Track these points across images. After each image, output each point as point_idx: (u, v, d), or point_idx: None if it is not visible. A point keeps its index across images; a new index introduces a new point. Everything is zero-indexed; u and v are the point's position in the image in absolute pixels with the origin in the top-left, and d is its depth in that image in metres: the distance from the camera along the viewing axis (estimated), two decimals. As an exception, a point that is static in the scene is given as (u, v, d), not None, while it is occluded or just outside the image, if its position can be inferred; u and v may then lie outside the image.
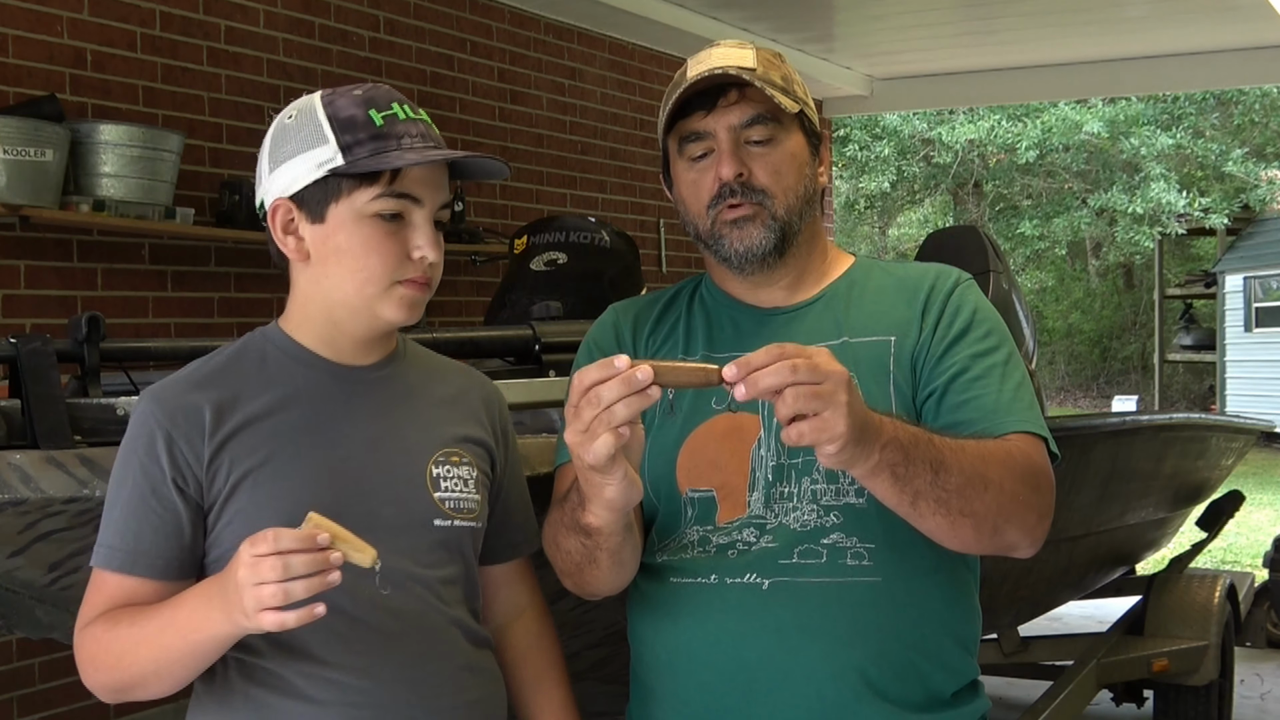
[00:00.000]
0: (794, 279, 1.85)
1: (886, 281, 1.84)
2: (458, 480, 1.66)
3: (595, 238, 3.14)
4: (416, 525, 1.62)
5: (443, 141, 1.65)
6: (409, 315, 1.62)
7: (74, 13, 4.38)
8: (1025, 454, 1.68)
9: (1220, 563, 8.38)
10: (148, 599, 1.55)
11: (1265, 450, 14.07)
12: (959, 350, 1.75)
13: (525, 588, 1.85)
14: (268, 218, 1.64)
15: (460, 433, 1.70)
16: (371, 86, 1.64)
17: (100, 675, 1.55)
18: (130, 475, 1.57)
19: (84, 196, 4.19)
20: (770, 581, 1.70)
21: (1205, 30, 7.56)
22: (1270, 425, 6.02)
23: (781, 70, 1.81)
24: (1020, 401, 1.74)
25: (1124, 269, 23.80)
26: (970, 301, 1.81)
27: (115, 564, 1.56)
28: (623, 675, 1.91)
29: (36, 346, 1.84)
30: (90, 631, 1.55)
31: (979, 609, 1.84)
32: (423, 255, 1.59)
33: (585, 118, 6.89)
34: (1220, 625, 4.80)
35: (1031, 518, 1.67)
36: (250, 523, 1.52)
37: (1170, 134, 16.71)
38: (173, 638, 1.48)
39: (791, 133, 1.80)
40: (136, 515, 1.56)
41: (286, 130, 1.62)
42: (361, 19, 5.52)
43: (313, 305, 1.65)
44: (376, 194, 1.57)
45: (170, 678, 1.52)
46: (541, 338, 2.58)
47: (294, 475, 1.57)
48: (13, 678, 4.16)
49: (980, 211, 20.87)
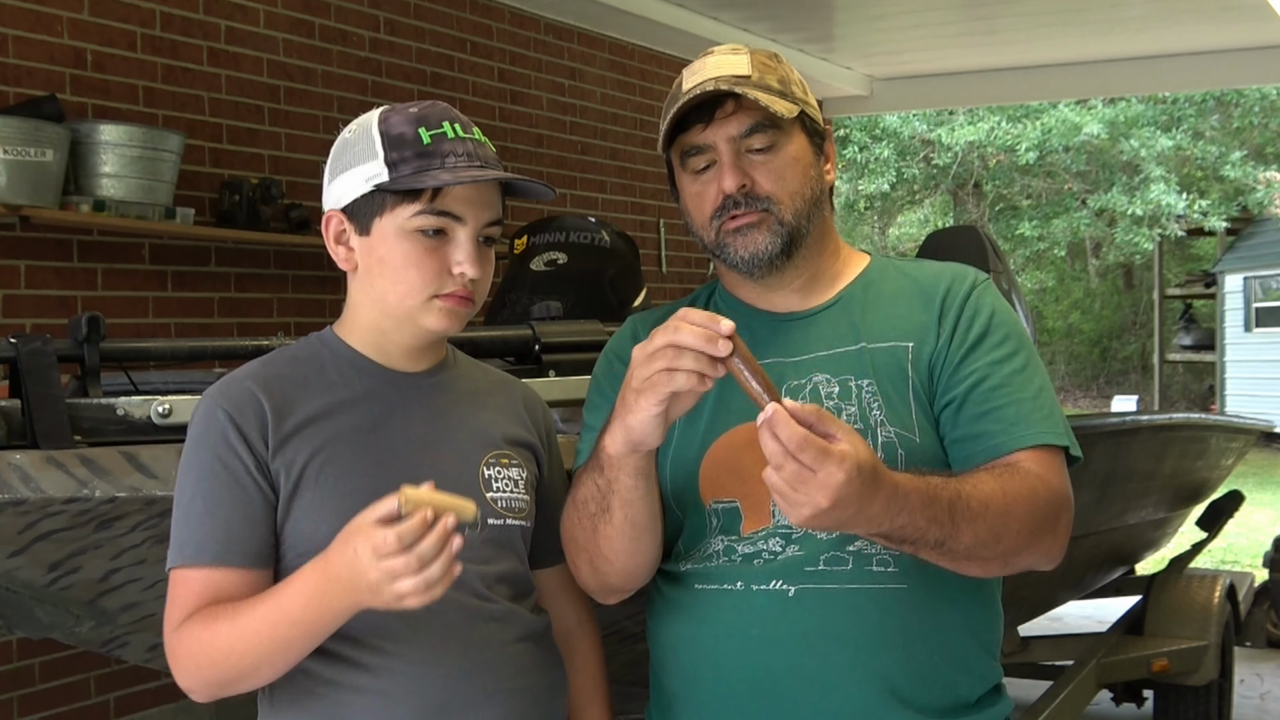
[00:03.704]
0: (806, 281, 1.83)
1: (902, 284, 1.83)
2: (508, 481, 1.71)
3: (595, 238, 3.14)
4: (470, 524, 1.64)
5: (494, 161, 1.68)
6: (451, 326, 1.66)
7: (74, 13, 4.38)
8: (1046, 484, 1.67)
9: (1220, 563, 8.38)
10: (237, 592, 1.56)
11: (1265, 450, 14.07)
12: (977, 357, 1.74)
13: (572, 601, 1.86)
14: (323, 226, 1.69)
15: (509, 435, 1.76)
16: (429, 105, 1.69)
17: (204, 673, 1.56)
18: (208, 468, 1.59)
19: (84, 196, 4.19)
20: (796, 589, 1.69)
21: (1205, 30, 7.56)
22: (1270, 425, 6.02)
23: (778, 72, 1.79)
24: (1040, 409, 1.72)
25: (1124, 269, 23.79)
26: (988, 305, 1.79)
27: (208, 557, 1.56)
28: (623, 675, 1.92)
29: (36, 346, 1.84)
30: (188, 631, 1.55)
31: (1001, 611, 1.84)
32: (463, 271, 1.63)
33: (585, 118, 6.89)
34: (1220, 625, 4.80)
35: (1047, 541, 1.68)
36: (308, 521, 1.58)
37: (1170, 135, 16.70)
38: (288, 630, 1.51)
39: (793, 136, 1.78)
40: (224, 505, 1.57)
41: (346, 144, 1.68)
42: (361, 19, 5.52)
43: (363, 313, 1.70)
44: (417, 210, 1.62)
45: (285, 665, 1.55)
46: (541, 338, 2.57)
47: (353, 474, 1.60)
48: (13, 678, 4.16)
49: (980, 212, 20.86)
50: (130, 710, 4.42)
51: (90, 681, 4.39)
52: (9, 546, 1.84)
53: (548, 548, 1.81)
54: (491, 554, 1.68)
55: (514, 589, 1.71)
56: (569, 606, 1.86)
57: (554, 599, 1.84)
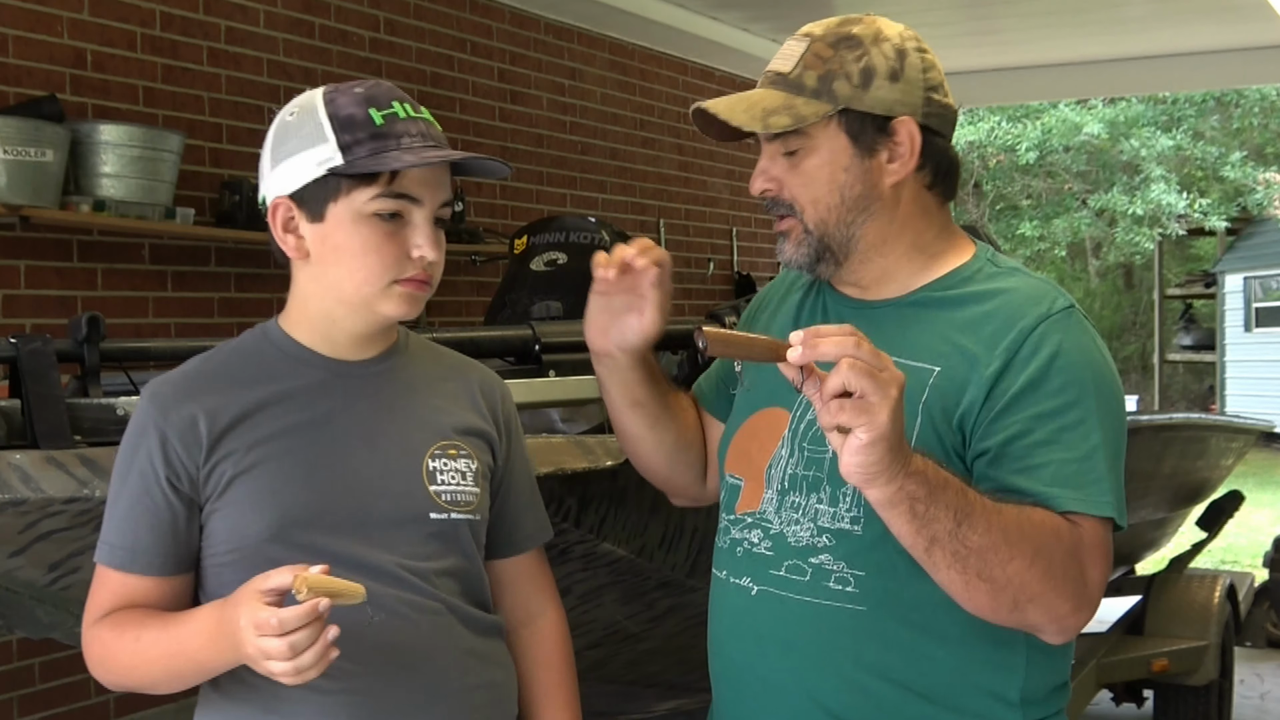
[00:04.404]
0: (877, 276, 1.72)
1: (975, 298, 1.67)
2: (455, 473, 1.66)
3: (595, 238, 3.14)
4: (412, 519, 1.63)
5: (444, 140, 1.64)
6: (410, 310, 1.62)
7: (74, 13, 4.38)
8: (1075, 534, 1.54)
9: (1220, 563, 8.37)
10: (149, 594, 1.59)
11: (1265, 450, 14.05)
12: (1024, 407, 1.57)
13: (537, 590, 1.83)
14: (268, 215, 1.64)
15: (459, 424, 1.70)
16: (374, 84, 1.63)
17: (110, 676, 1.60)
18: (124, 473, 1.60)
19: (84, 196, 4.19)
20: (759, 589, 1.68)
21: (1205, 30, 7.56)
22: (1270, 425, 6.02)
23: (831, 64, 1.65)
24: (1088, 474, 1.56)
25: (1124, 269, 23.79)
26: (1052, 342, 1.59)
27: (116, 562, 1.59)
28: (623, 675, 1.92)
29: (36, 346, 1.84)
30: (97, 634, 1.59)
31: (1039, 657, 1.66)
32: (422, 254, 1.59)
33: (585, 118, 6.88)
34: (1220, 625, 4.81)
35: (1064, 606, 1.54)
36: (241, 519, 1.56)
37: (1170, 135, 16.70)
38: (184, 664, 1.54)
39: (822, 139, 1.67)
40: (134, 514, 1.58)
41: (288, 127, 1.62)
42: (361, 19, 5.52)
43: (312, 303, 1.65)
44: (375, 194, 1.57)
45: (182, 686, 1.58)
46: (541, 338, 2.57)
47: (287, 472, 1.58)
48: (13, 678, 4.16)
49: (980, 211, 20.85)
50: (130, 710, 4.41)
51: (90, 682, 4.38)
52: (9, 546, 1.84)
53: (508, 538, 1.78)
54: (435, 550, 1.64)
55: (460, 584, 1.67)
56: (533, 596, 1.81)
57: (515, 589, 1.80)
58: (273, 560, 1.49)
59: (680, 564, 2.48)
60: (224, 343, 1.72)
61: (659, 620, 2.69)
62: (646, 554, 2.40)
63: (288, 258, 1.65)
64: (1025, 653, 1.65)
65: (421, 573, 1.62)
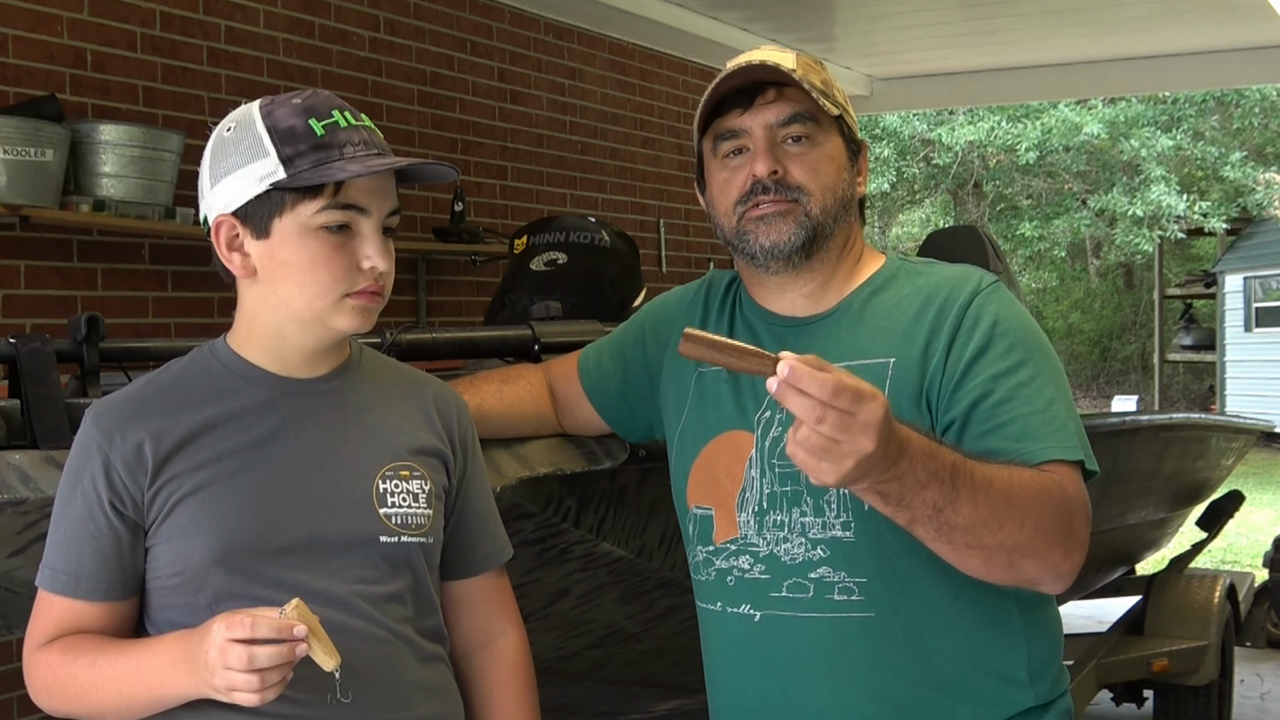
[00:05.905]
0: (818, 286, 1.77)
1: (906, 291, 1.74)
2: (406, 495, 1.61)
3: (595, 238, 3.14)
4: (361, 542, 1.58)
5: (387, 148, 1.61)
6: (361, 324, 1.58)
7: (74, 13, 4.37)
8: (1060, 487, 1.57)
9: (1220, 563, 8.38)
10: (95, 620, 1.55)
11: (1265, 450, 14.07)
12: (978, 372, 1.64)
13: (497, 612, 1.77)
14: (211, 234, 1.60)
15: (412, 444, 1.65)
16: (311, 94, 1.61)
17: (55, 704, 1.56)
18: (67, 497, 1.57)
19: (84, 196, 4.19)
20: (762, 614, 1.68)
21: (1205, 30, 7.56)
22: (1270, 425, 6.02)
23: (821, 75, 1.76)
24: (1051, 423, 1.61)
25: (1124, 269, 23.79)
26: (989, 312, 1.68)
27: (59, 587, 1.56)
28: (623, 675, 1.92)
29: (36, 346, 1.84)
30: (44, 660, 1.55)
31: (1034, 632, 1.73)
32: (372, 265, 1.55)
33: (585, 118, 6.88)
34: (1220, 625, 4.81)
35: (1057, 554, 1.57)
36: (186, 543, 1.52)
37: (1170, 135, 16.70)
38: (136, 688, 1.50)
39: (830, 135, 1.75)
40: (77, 538, 1.55)
41: (226, 143, 1.58)
42: (361, 19, 5.52)
43: (260, 320, 1.62)
44: (321, 206, 1.53)
45: (131, 718, 1.53)
46: (541, 338, 2.57)
47: (233, 495, 1.54)
48: (13, 678, 4.15)
49: (980, 212, 20.86)
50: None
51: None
52: (9, 546, 1.84)
53: (464, 558, 1.73)
54: (383, 574, 1.59)
55: (409, 609, 1.62)
56: (492, 618, 1.76)
57: (473, 611, 1.75)
58: (216, 586, 1.49)
59: (680, 564, 2.48)
60: (171, 362, 1.69)
61: (659, 620, 2.68)
62: (646, 554, 2.40)
63: (234, 276, 1.62)
64: (1022, 630, 1.70)
65: (371, 598, 1.57)
